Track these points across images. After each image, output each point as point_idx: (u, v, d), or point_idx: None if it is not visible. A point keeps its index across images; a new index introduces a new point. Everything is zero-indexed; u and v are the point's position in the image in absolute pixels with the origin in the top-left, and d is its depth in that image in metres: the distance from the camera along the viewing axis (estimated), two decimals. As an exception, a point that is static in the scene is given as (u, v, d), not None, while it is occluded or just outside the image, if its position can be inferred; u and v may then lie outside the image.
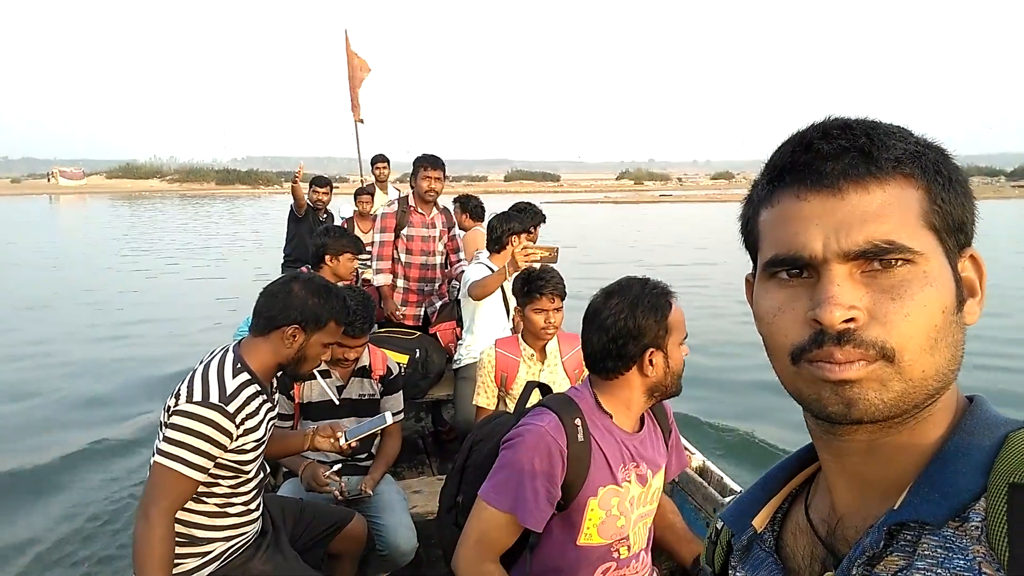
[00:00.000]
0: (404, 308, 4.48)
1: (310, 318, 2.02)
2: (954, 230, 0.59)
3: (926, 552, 0.55)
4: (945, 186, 0.58)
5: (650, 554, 1.84)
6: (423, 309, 4.50)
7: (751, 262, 0.68)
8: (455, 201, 5.49)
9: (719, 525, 0.80)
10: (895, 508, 0.57)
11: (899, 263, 0.56)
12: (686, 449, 3.13)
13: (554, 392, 1.94)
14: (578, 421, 1.65)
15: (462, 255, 4.56)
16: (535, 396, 2.00)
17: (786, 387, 0.62)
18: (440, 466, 4.11)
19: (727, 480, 2.83)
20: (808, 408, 0.60)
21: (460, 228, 5.14)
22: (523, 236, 3.67)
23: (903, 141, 0.58)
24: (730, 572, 0.75)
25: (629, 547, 1.72)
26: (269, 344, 2.02)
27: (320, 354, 2.11)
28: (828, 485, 0.66)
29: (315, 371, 2.65)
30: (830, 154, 0.58)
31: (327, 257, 3.72)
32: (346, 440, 2.39)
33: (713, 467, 2.94)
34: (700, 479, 2.80)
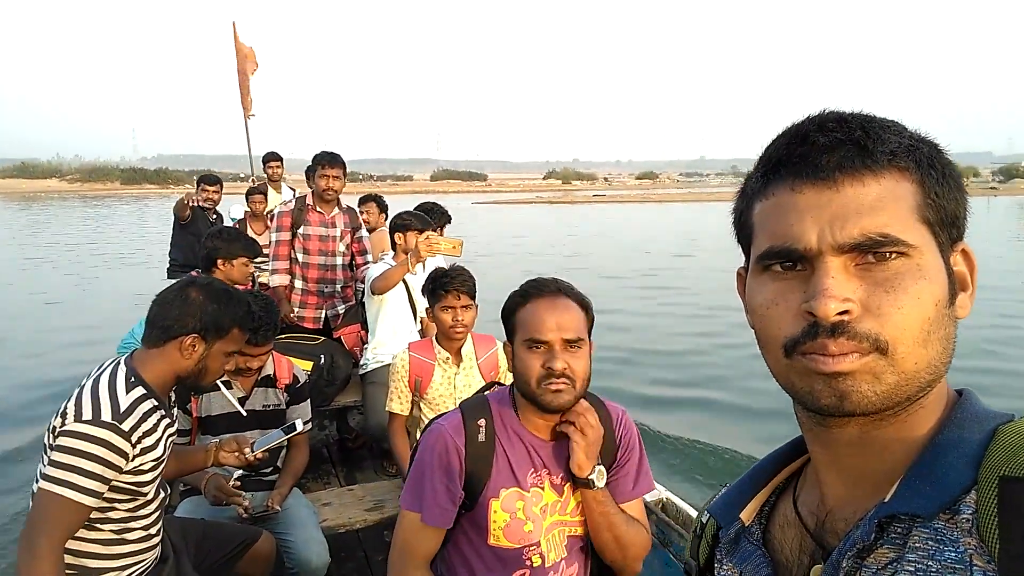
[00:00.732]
0: (303, 310, 4.29)
1: (210, 326, 1.88)
2: (947, 224, 0.59)
3: (917, 544, 0.55)
4: (939, 180, 0.59)
5: (578, 571, 1.73)
6: (324, 312, 4.32)
7: (743, 256, 0.68)
8: (370, 199, 5.34)
9: (704, 519, 0.79)
10: (886, 500, 0.57)
11: (893, 256, 0.56)
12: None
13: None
14: (482, 422, 1.65)
15: (369, 257, 4.42)
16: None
17: (778, 379, 0.61)
18: (347, 475, 3.97)
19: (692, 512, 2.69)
20: (800, 401, 0.60)
21: (371, 228, 5.04)
22: (421, 233, 3.58)
23: (898, 135, 0.59)
24: (716, 565, 0.75)
25: (543, 555, 1.64)
26: (165, 356, 1.86)
27: (223, 364, 1.97)
28: (817, 478, 0.66)
29: (216, 382, 2.49)
30: (826, 146, 0.57)
31: (219, 261, 3.44)
32: (253, 452, 2.25)
33: (679, 501, 2.79)
34: (665, 516, 2.68)
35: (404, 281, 3.63)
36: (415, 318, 3.68)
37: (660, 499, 2.64)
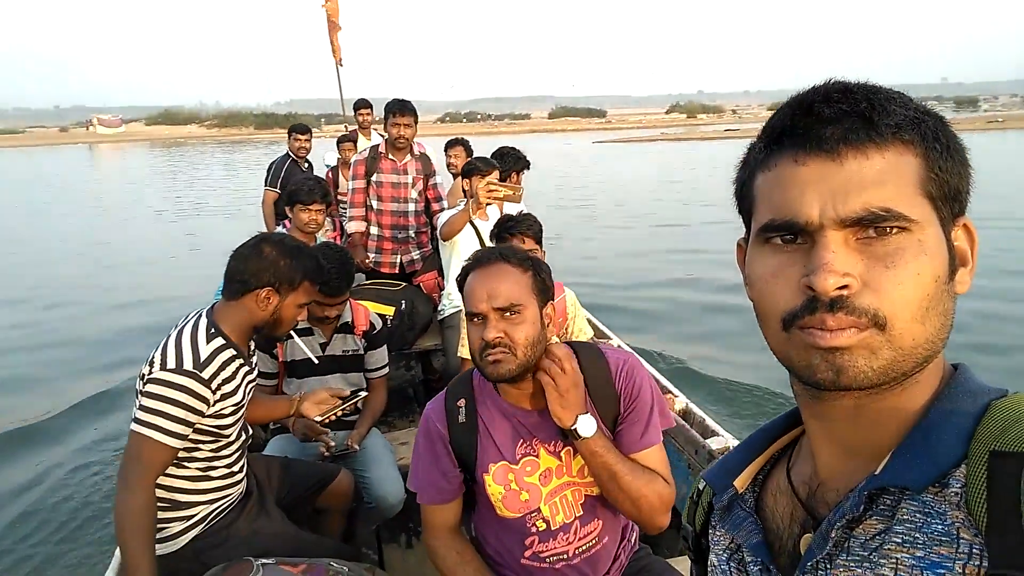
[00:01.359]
0: (379, 256, 4.43)
1: (283, 279, 1.99)
2: (950, 198, 0.58)
3: (905, 516, 0.55)
4: (943, 154, 0.57)
5: (610, 529, 1.72)
6: (399, 257, 4.45)
7: (744, 227, 0.68)
8: (457, 143, 5.24)
9: (700, 485, 0.80)
10: (876, 473, 0.58)
11: (894, 231, 0.55)
12: (668, 393, 3.14)
13: None
14: (462, 402, 1.66)
15: (444, 203, 4.49)
16: None
17: (775, 352, 0.62)
18: None
19: (709, 422, 2.85)
20: (797, 374, 0.60)
21: (458, 173, 5.08)
22: (484, 177, 3.56)
23: (903, 107, 0.57)
24: (710, 531, 0.77)
25: (547, 520, 1.64)
26: (242, 308, 1.99)
27: (296, 315, 2.08)
28: (811, 449, 0.67)
29: (293, 330, 2.64)
30: (830, 118, 0.56)
31: (288, 208, 3.73)
32: (319, 418, 2.40)
33: (696, 409, 2.95)
34: (683, 421, 2.82)
35: (474, 226, 3.66)
36: None
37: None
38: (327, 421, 2.43)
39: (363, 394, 2.57)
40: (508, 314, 1.52)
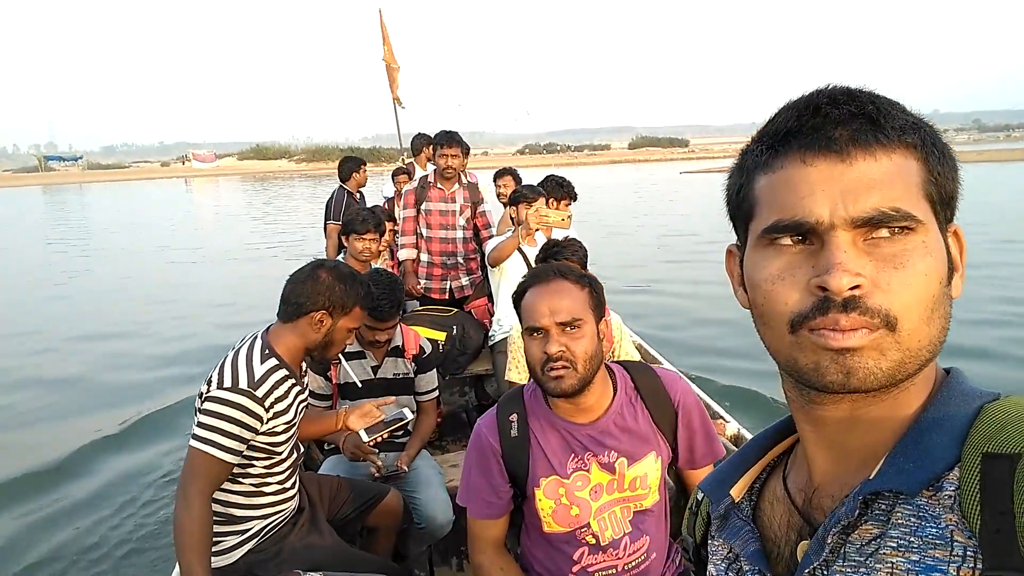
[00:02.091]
0: (429, 282, 4.56)
1: (336, 304, 2.07)
2: (944, 203, 0.59)
3: (900, 521, 0.56)
4: (940, 159, 0.58)
5: (659, 544, 1.75)
6: (448, 284, 4.56)
7: (734, 233, 0.68)
8: (506, 173, 5.29)
9: (699, 496, 0.81)
10: (870, 478, 0.58)
11: (902, 231, 0.56)
12: (719, 418, 3.10)
13: None
14: (514, 417, 1.69)
15: (493, 230, 4.58)
16: None
17: (778, 356, 0.61)
18: None
19: None
20: (803, 378, 0.59)
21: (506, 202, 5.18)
22: (531, 204, 3.64)
23: (903, 112, 0.59)
24: (709, 541, 0.77)
25: (596, 535, 1.66)
26: (297, 330, 2.08)
27: (346, 338, 2.17)
28: (806, 455, 0.67)
29: (346, 353, 2.72)
30: (839, 119, 0.57)
31: (343, 238, 3.89)
32: (369, 436, 2.45)
33: (747, 435, 2.90)
34: (733, 447, 2.78)
35: (522, 252, 3.71)
36: None
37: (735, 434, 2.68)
38: (376, 442, 2.49)
39: (410, 416, 2.63)
40: (569, 328, 1.55)
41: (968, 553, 0.52)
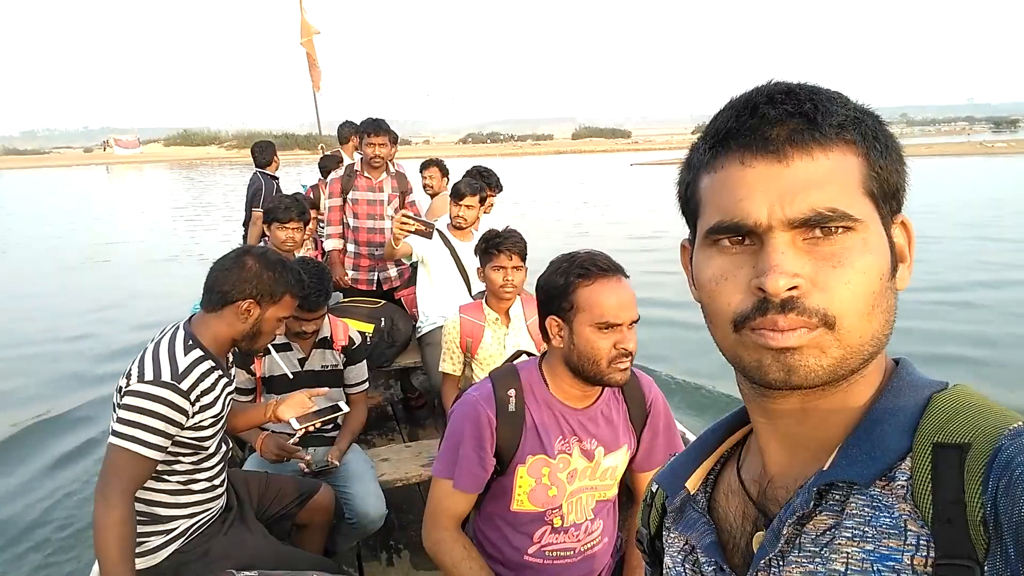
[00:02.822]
0: (356, 273, 4.46)
1: (265, 292, 1.99)
2: (889, 197, 0.59)
3: (854, 511, 0.57)
4: (883, 153, 0.59)
5: (609, 530, 1.85)
6: (376, 275, 4.48)
7: (688, 228, 0.68)
8: (432, 164, 5.35)
9: (653, 488, 0.81)
10: (824, 469, 0.59)
11: (840, 230, 0.56)
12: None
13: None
14: (512, 392, 1.70)
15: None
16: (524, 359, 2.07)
17: (725, 354, 0.62)
18: (410, 433, 4.13)
19: None
20: (748, 375, 0.60)
21: (434, 193, 5.20)
22: (458, 204, 3.69)
23: (844, 107, 0.58)
24: (664, 533, 0.77)
25: (563, 517, 1.73)
26: (222, 320, 1.99)
27: (275, 329, 2.08)
28: (759, 446, 0.67)
29: (271, 345, 2.62)
30: (776, 119, 0.57)
31: (264, 227, 3.77)
32: (297, 426, 2.38)
33: (691, 436, 2.95)
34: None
35: (450, 246, 3.70)
36: (465, 282, 3.74)
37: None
38: (307, 432, 2.41)
39: (345, 409, 2.56)
40: (633, 325, 1.62)
41: (921, 542, 0.53)
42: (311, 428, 2.41)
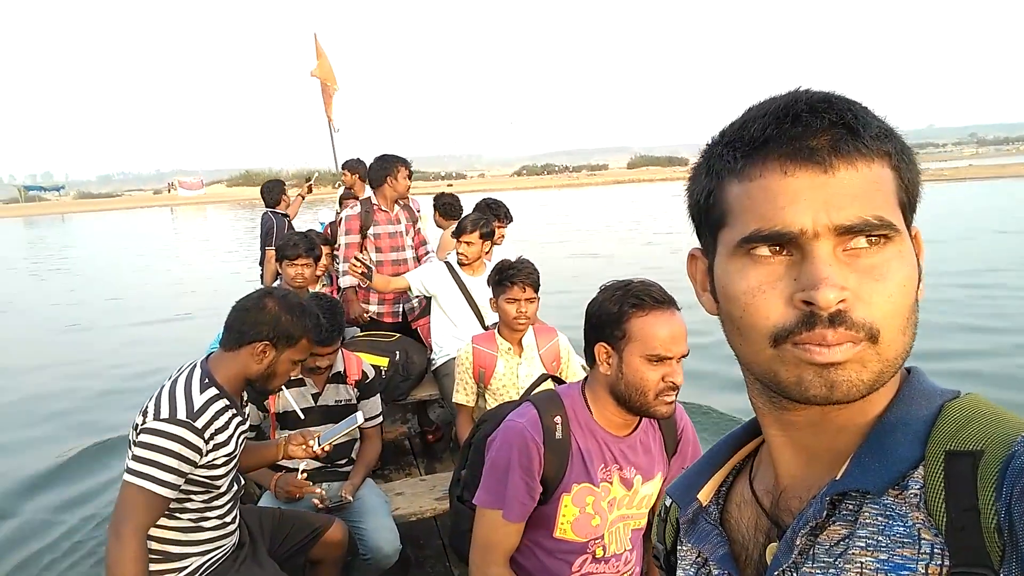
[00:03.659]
0: (381, 307, 4.46)
1: (282, 335, 2.00)
2: (912, 208, 0.60)
3: (867, 520, 0.56)
4: (908, 166, 0.59)
5: (640, 560, 1.84)
6: (401, 306, 4.49)
7: (696, 237, 0.66)
8: (444, 196, 5.43)
9: (667, 502, 0.80)
10: (837, 478, 0.58)
11: (880, 241, 0.55)
12: None
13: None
14: (558, 419, 1.67)
15: (429, 247, 4.65)
16: (549, 384, 2.08)
17: (754, 368, 0.60)
18: (427, 466, 4.09)
19: None
20: (784, 390, 0.58)
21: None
22: (460, 242, 3.72)
23: (877, 119, 0.58)
24: (678, 546, 0.76)
25: (605, 547, 1.71)
26: (238, 359, 2.00)
27: (290, 370, 2.10)
28: (772, 457, 0.67)
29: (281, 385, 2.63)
30: (819, 128, 0.56)
31: (276, 266, 3.82)
32: (319, 444, 2.37)
33: None
34: None
35: (458, 280, 3.71)
36: (475, 314, 3.74)
37: None
38: (325, 451, 2.39)
39: (361, 420, 2.53)
40: (682, 358, 1.61)
41: (935, 550, 0.52)
42: (327, 448, 2.39)
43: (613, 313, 1.60)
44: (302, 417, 2.71)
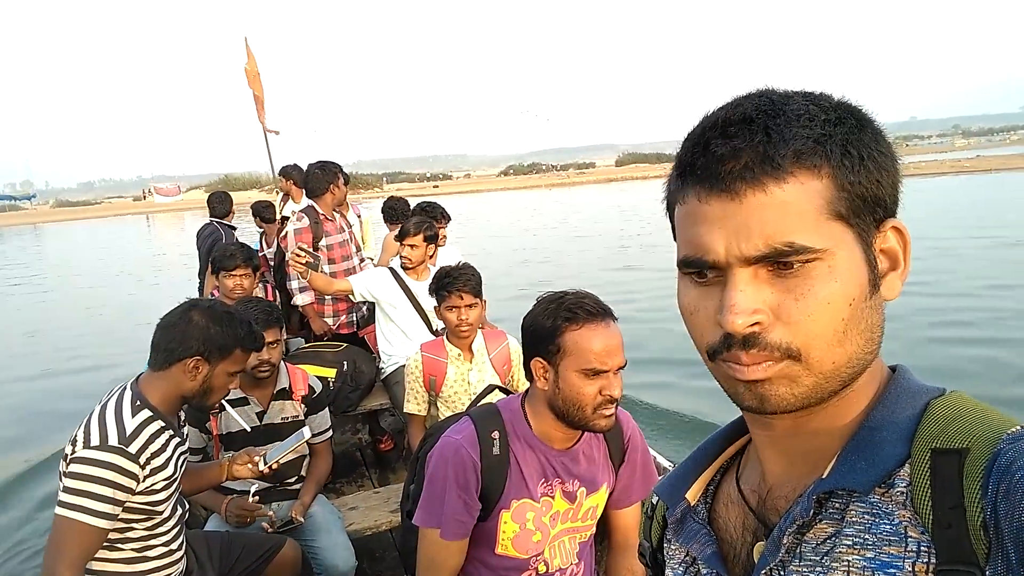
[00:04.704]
0: (336, 318, 4.35)
1: (213, 348, 1.91)
2: (868, 208, 0.57)
3: (854, 519, 0.56)
4: (855, 167, 0.56)
5: (588, 572, 1.81)
6: (354, 315, 4.41)
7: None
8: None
9: (654, 500, 0.80)
10: (823, 477, 0.58)
11: (801, 263, 0.55)
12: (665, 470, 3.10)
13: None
14: (495, 434, 1.65)
15: (364, 252, 4.65)
16: (496, 395, 2.03)
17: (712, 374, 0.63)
18: (380, 477, 4.03)
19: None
20: (731, 399, 0.61)
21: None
22: (403, 245, 3.70)
23: (807, 127, 0.55)
24: (665, 545, 0.76)
25: (547, 563, 1.68)
26: (170, 378, 1.90)
27: (227, 384, 2.00)
28: (759, 456, 0.67)
29: (226, 400, 2.54)
30: (726, 156, 0.55)
31: (212, 277, 3.81)
32: (266, 463, 2.28)
33: (666, 463, 2.89)
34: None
35: (403, 285, 3.67)
36: (425, 318, 3.70)
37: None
38: (274, 468, 2.29)
39: (308, 435, 2.46)
40: (619, 371, 1.57)
41: (922, 548, 0.52)
42: (275, 466, 2.30)
43: (547, 327, 1.57)
44: (248, 430, 2.61)
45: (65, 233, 46.67)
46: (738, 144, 0.55)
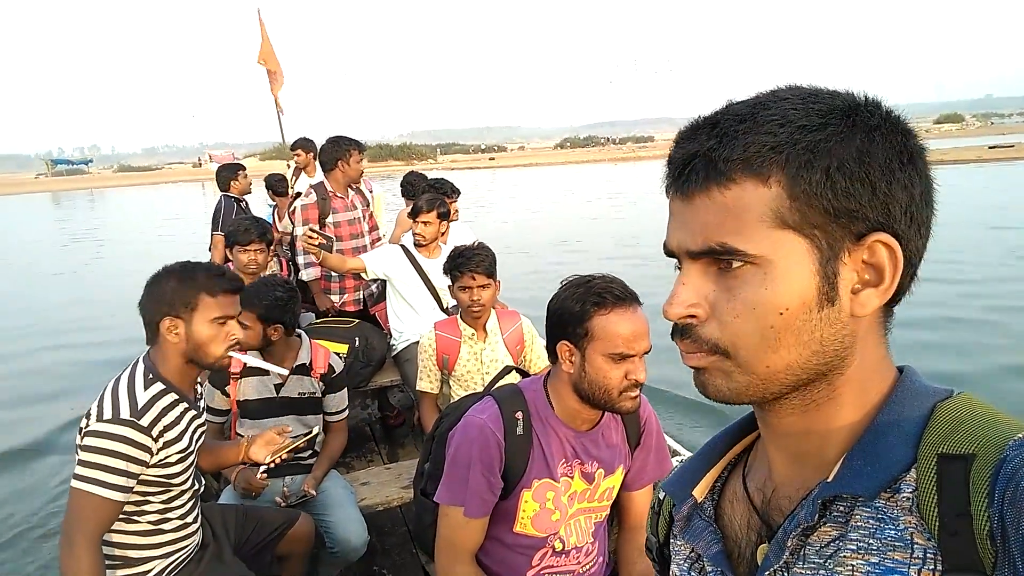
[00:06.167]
0: (343, 295, 4.36)
1: (177, 303, 1.87)
2: (836, 219, 0.55)
3: (859, 523, 0.56)
4: (818, 178, 0.54)
5: (602, 550, 1.85)
6: (361, 293, 4.40)
7: None
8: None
9: (661, 495, 0.80)
10: (828, 481, 0.58)
11: (738, 265, 0.57)
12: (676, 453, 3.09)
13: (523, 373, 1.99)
14: (519, 414, 1.66)
15: (380, 231, 4.60)
16: (512, 376, 2.04)
17: None
18: (390, 453, 4.06)
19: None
20: None
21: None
22: (416, 222, 3.68)
23: (772, 133, 0.55)
24: (671, 541, 0.77)
25: (564, 541, 1.72)
26: (165, 346, 1.90)
27: (215, 333, 1.91)
28: (766, 454, 0.67)
29: (241, 375, 2.54)
30: (681, 162, 0.60)
31: (226, 252, 3.75)
32: (271, 457, 2.27)
33: (685, 452, 2.91)
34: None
35: (416, 264, 3.67)
36: (436, 296, 3.70)
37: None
38: (276, 463, 2.32)
39: (315, 431, 2.47)
40: (644, 355, 1.60)
41: (928, 555, 0.52)
42: (279, 460, 2.32)
43: (575, 312, 1.58)
44: (278, 400, 2.65)
45: (121, 198, 46.13)
46: (690, 150, 0.59)
